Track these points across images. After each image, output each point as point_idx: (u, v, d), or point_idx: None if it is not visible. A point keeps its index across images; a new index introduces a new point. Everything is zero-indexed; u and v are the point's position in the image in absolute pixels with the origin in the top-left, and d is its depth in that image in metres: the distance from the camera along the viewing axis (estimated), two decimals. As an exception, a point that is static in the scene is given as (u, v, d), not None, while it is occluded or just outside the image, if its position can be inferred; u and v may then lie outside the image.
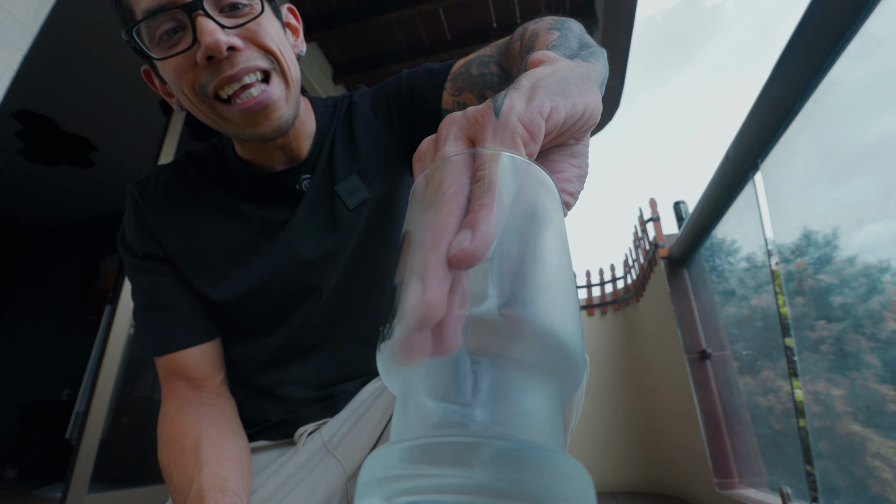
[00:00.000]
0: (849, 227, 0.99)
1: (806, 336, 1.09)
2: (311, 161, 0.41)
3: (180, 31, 0.32)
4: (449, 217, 0.12)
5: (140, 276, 0.41)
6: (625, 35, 1.66)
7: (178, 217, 0.40)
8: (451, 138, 0.15)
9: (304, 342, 0.42)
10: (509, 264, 0.11)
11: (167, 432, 0.36)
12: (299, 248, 0.39)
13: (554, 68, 0.18)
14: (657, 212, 1.78)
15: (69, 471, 1.06)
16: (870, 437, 0.95)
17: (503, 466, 0.08)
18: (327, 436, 0.39)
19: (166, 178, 0.42)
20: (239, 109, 0.33)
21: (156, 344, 0.39)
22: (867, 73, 0.85)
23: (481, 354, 0.10)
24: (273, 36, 0.34)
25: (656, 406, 1.82)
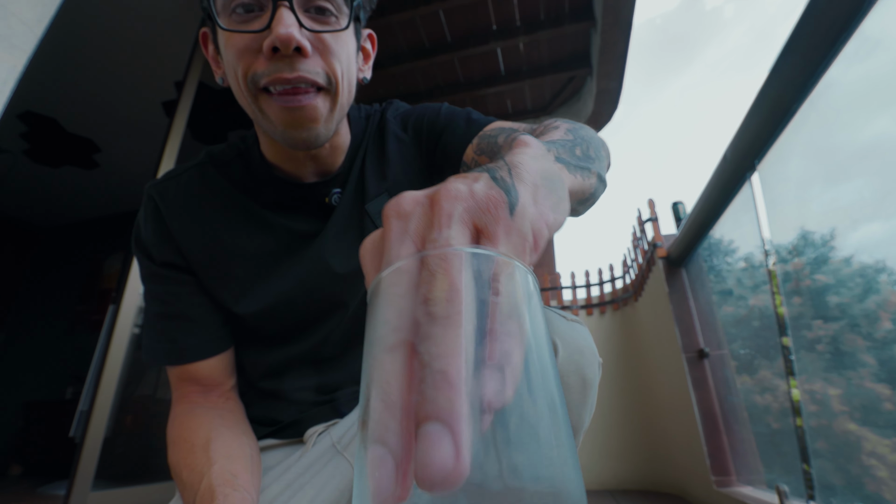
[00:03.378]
0: (845, 228, 0.99)
1: (803, 335, 1.09)
2: (343, 175, 0.40)
3: (256, 12, 0.31)
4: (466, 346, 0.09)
5: (157, 282, 0.39)
6: (623, 37, 1.67)
7: (199, 223, 0.38)
8: (457, 221, 0.12)
9: (322, 355, 0.41)
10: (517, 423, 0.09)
11: (177, 433, 0.36)
12: (332, 262, 0.38)
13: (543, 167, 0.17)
14: (655, 212, 1.79)
15: (73, 468, 1.07)
16: (865, 436, 0.95)
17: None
18: (336, 436, 0.39)
19: (188, 181, 0.40)
20: (281, 104, 0.32)
21: (170, 353, 0.38)
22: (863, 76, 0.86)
23: None
24: (342, 56, 0.33)
25: (654, 405, 1.82)
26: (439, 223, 0.12)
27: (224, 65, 0.34)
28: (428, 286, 0.10)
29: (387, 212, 0.13)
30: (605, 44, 1.69)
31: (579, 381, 0.32)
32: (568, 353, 0.32)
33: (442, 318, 0.10)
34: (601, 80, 1.87)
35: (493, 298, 0.10)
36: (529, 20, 1.81)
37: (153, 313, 0.39)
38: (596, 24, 1.72)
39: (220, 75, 0.36)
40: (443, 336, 0.09)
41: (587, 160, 0.26)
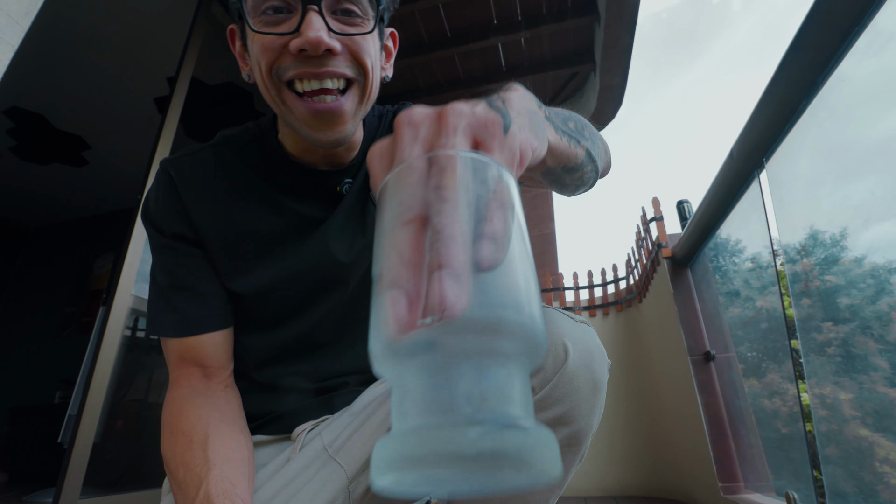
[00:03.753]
0: (856, 227, 0.97)
1: (812, 338, 1.07)
2: (355, 167, 0.42)
3: (285, 13, 0.32)
4: (467, 224, 0.12)
5: (167, 254, 0.39)
6: (627, 32, 1.64)
7: (213, 200, 0.40)
8: (461, 132, 0.15)
9: (317, 339, 0.42)
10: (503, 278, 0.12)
11: (174, 422, 0.35)
12: (333, 246, 0.40)
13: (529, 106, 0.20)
14: (660, 211, 1.76)
15: (61, 475, 1.03)
16: (879, 442, 0.93)
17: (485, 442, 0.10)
18: (328, 440, 0.39)
19: (203, 159, 0.41)
20: (309, 108, 0.33)
21: (179, 324, 0.38)
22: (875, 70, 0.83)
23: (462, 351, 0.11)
24: (371, 53, 0.35)
25: (659, 408, 1.80)
26: (446, 132, 0.15)
27: (250, 61, 0.36)
28: (439, 177, 0.13)
29: (400, 120, 0.15)
30: (609, 39, 1.66)
31: (591, 384, 0.32)
32: (579, 355, 0.32)
33: (451, 199, 0.12)
34: (605, 76, 1.85)
35: (487, 193, 0.13)
36: (531, 14, 1.78)
37: (162, 285, 0.39)
38: (599, 19, 1.69)
39: (247, 72, 0.38)
40: (452, 211, 0.12)
41: (578, 134, 0.29)
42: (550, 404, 0.32)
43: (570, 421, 0.32)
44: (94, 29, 1.66)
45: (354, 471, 0.37)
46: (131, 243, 1.18)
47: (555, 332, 0.33)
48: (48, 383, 2.19)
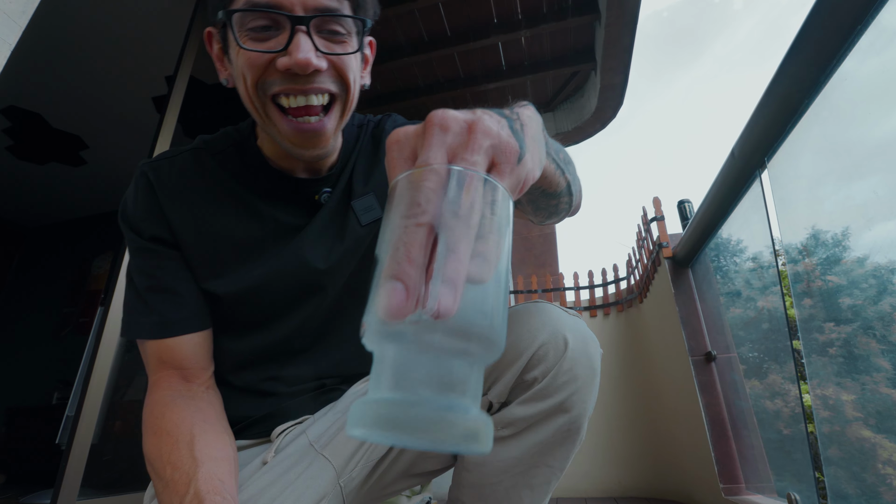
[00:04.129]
0: (858, 227, 0.96)
1: (814, 338, 1.06)
2: (334, 176, 0.42)
3: (272, 31, 0.33)
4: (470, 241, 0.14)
5: (144, 256, 0.39)
6: (628, 31, 1.63)
7: (192, 204, 0.40)
8: (484, 153, 0.17)
9: (294, 345, 0.43)
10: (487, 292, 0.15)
11: (157, 423, 0.35)
12: (309, 255, 0.40)
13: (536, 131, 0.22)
14: (661, 211, 1.75)
15: (59, 477, 1.02)
16: (881, 444, 0.93)
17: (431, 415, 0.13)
18: (313, 436, 0.39)
19: (182, 163, 0.41)
20: (293, 127, 0.34)
21: (157, 326, 0.38)
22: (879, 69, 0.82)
23: (437, 346, 0.14)
24: (354, 68, 0.36)
25: (660, 409, 1.80)
26: (472, 149, 0.16)
27: (233, 69, 0.36)
28: (457, 194, 0.15)
29: (432, 120, 0.17)
30: (610, 37, 1.65)
31: (589, 371, 0.34)
32: (577, 345, 0.34)
33: (464, 217, 0.14)
34: (605, 75, 1.84)
35: (490, 215, 0.15)
36: (531, 13, 1.77)
37: (140, 287, 0.39)
38: (600, 17, 1.68)
39: (226, 77, 0.38)
40: (462, 231, 0.14)
41: (565, 166, 0.30)
42: (552, 392, 0.34)
43: (570, 407, 0.34)
44: (91, 27, 1.65)
45: (342, 464, 0.38)
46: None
47: (556, 326, 0.34)
48: (46, 384, 2.18)
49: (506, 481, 0.35)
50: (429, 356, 0.14)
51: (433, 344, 0.13)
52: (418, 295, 0.13)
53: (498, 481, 0.35)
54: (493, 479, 0.35)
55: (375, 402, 0.13)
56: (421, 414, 0.13)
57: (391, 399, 0.13)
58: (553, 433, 0.34)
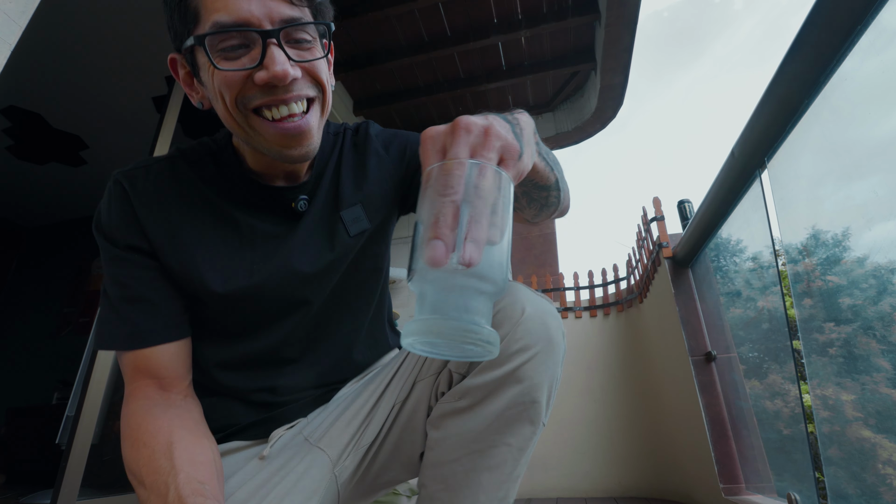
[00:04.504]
0: (859, 227, 0.96)
1: (814, 339, 1.06)
2: (311, 183, 0.43)
3: (243, 49, 0.34)
4: (488, 214, 0.21)
5: (119, 266, 0.39)
6: (628, 31, 1.63)
7: (167, 213, 0.40)
8: (496, 151, 0.23)
9: (283, 354, 0.43)
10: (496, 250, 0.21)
11: (134, 434, 0.35)
12: (296, 262, 0.41)
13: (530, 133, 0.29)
14: (661, 211, 1.75)
15: (59, 477, 1.02)
16: (881, 444, 0.93)
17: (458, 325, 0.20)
18: (308, 432, 0.40)
19: (158, 172, 0.41)
20: (279, 130, 0.35)
21: (131, 336, 0.38)
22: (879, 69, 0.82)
23: (463, 284, 0.20)
24: (324, 71, 0.38)
25: (660, 409, 1.79)
26: (488, 147, 0.23)
27: (206, 91, 0.37)
28: (479, 179, 0.21)
29: (459, 123, 0.23)
30: (610, 38, 1.65)
31: (545, 341, 0.35)
32: (536, 313, 0.36)
33: (482, 198, 0.21)
34: (605, 76, 1.84)
35: (499, 196, 0.22)
36: (531, 13, 1.77)
37: (114, 297, 0.39)
38: (600, 18, 1.68)
39: (199, 99, 0.38)
40: (483, 206, 0.21)
41: (553, 164, 0.36)
42: (505, 360, 0.34)
43: (523, 377, 0.34)
44: (92, 27, 1.65)
45: (337, 454, 0.38)
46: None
47: (516, 297, 0.36)
48: (46, 384, 2.18)
49: (465, 461, 0.34)
50: (457, 292, 0.20)
51: (461, 284, 0.20)
52: (452, 249, 0.19)
53: (457, 459, 0.35)
54: (453, 454, 0.35)
55: (422, 319, 0.20)
56: (453, 325, 0.20)
57: (433, 317, 0.20)
58: (507, 405, 0.34)
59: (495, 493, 0.35)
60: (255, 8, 0.32)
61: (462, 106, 2.23)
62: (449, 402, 0.36)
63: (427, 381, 0.39)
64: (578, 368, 2.02)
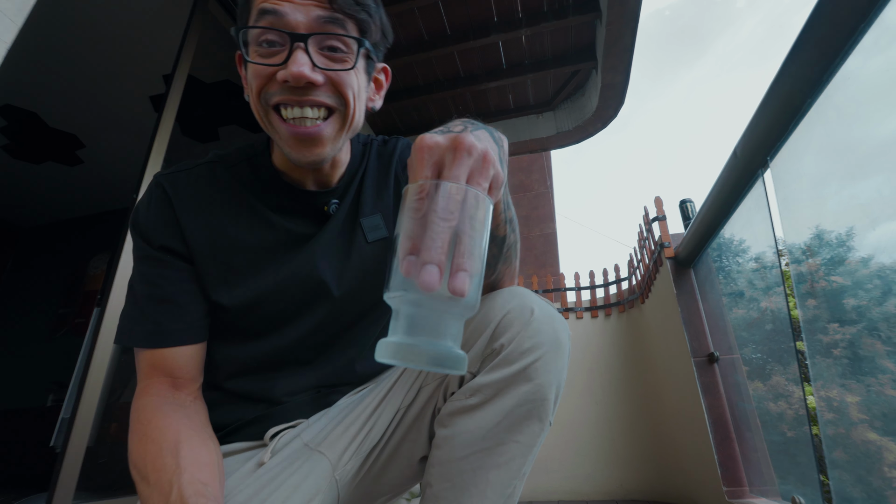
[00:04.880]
0: (863, 227, 0.95)
1: (818, 339, 1.05)
2: (341, 189, 0.45)
3: (278, 47, 0.36)
4: (480, 244, 0.23)
5: (150, 265, 0.41)
6: (630, 29, 1.62)
7: (208, 215, 0.42)
8: (487, 178, 0.24)
9: (296, 355, 0.44)
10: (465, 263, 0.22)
11: (143, 429, 0.36)
12: (319, 263, 0.43)
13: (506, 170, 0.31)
14: (663, 211, 1.75)
15: (53, 480, 1.01)
16: (887, 447, 0.92)
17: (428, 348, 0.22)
18: (308, 438, 0.41)
19: (198, 176, 0.43)
20: (290, 131, 0.37)
21: (153, 335, 0.39)
22: (883, 67, 0.81)
23: (441, 309, 0.22)
24: (353, 85, 0.38)
25: (663, 411, 1.78)
26: (484, 175, 0.24)
27: (246, 84, 0.40)
28: (474, 210, 0.22)
29: (463, 143, 0.24)
30: (611, 36, 1.64)
31: (554, 342, 0.36)
32: (543, 315, 0.37)
33: (478, 229, 0.22)
34: (606, 74, 1.83)
35: (486, 225, 0.23)
36: (532, 11, 1.77)
37: (141, 295, 0.40)
38: (601, 16, 1.67)
39: (248, 93, 0.41)
40: (476, 237, 0.22)
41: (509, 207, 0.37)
42: (516, 358, 0.35)
43: (533, 375, 0.35)
44: (89, 26, 1.63)
45: (336, 458, 0.39)
46: (126, 243, 1.15)
47: (524, 300, 0.37)
48: (41, 386, 2.15)
49: (473, 459, 0.35)
50: (437, 315, 0.21)
51: (445, 309, 0.21)
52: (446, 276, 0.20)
53: (464, 457, 0.35)
54: (461, 452, 0.35)
55: (398, 343, 0.21)
56: (429, 351, 0.21)
57: (408, 342, 0.21)
58: (517, 402, 0.35)
59: (503, 491, 0.35)
60: (294, 10, 0.35)
61: (462, 105, 2.22)
62: (459, 400, 0.36)
63: (433, 385, 0.39)
64: (580, 369, 2.01)
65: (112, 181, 2.49)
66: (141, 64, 1.79)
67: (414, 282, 0.20)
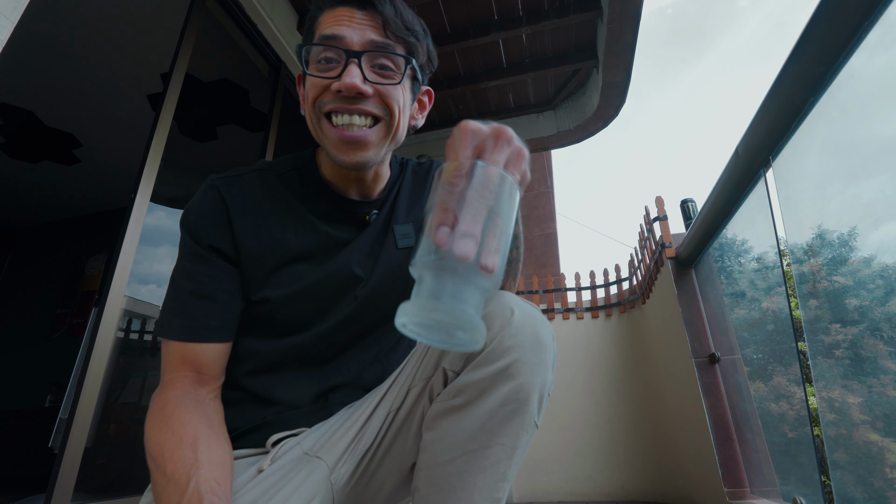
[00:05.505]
0: (865, 227, 0.95)
1: (820, 340, 1.05)
2: (380, 200, 0.49)
3: (335, 62, 0.41)
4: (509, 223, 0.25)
5: (197, 262, 0.43)
6: (631, 27, 1.61)
7: (258, 218, 0.45)
8: (517, 171, 0.27)
9: (321, 353, 0.46)
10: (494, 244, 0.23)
11: (165, 420, 0.37)
12: (354, 261, 0.46)
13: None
14: (664, 210, 1.74)
15: (51, 481, 1.00)
16: (889, 447, 0.91)
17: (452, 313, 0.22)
18: (307, 446, 0.41)
19: (251, 181, 0.47)
20: (339, 135, 0.41)
21: (189, 329, 0.41)
22: (886, 66, 0.80)
23: (468, 278, 0.22)
24: (399, 100, 0.42)
25: (664, 412, 1.78)
26: (518, 166, 0.27)
27: (303, 98, 0.44)
28: (509, 195, 0.25)
29: (504, 132, 0.27)
30: (612, 34, 1.63)
31: (535, 340, 0.36)
32: (523, 315, 0.37)
33: (510, 211, 0.24)
34: (607, 73, 1.82)
35: (516, 207, 0.26)
36: (532, 10, 1.76)
37: (183, 290, 0.43)
38: (602, 14, 1.66)
39: (303, 107, 0.45)
40: (508, 219, 0.24)
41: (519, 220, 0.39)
42: (498, 356, 0.36)
43: (515, 373, 0.35)
44: (85, 24, 1.62)
45: (334, 461, 0.40)
46: (124, 243, 1.14)
47: (504, 301, 0.38)
48: (38, 386, 2.15)
49: (459, 462, 0.35)
50: (463, 284, 0.22)
51: (473, 279, 0.22)
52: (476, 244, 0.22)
53: (450, 460, 0.35)
54: (447, 455, 0.35)
55: (423, 302, 0.21)
56: (453, 310, 0.21)
57: (434, 302, 0.21)
58: (501, 402, 0.35)
59: (490, 494, 0.35)
60: (352, 32, 0.41)
61: (462, 104, 2.21)
62: (444, 401, 0.37)
63: (419, 387, 0.40)
64: (580, 370, 2.00)
65: (110, 181, 2.48)
66: (139, 63, 1.78)
67: (448, 251, 0.21)
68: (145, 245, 1.20)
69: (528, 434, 0.36)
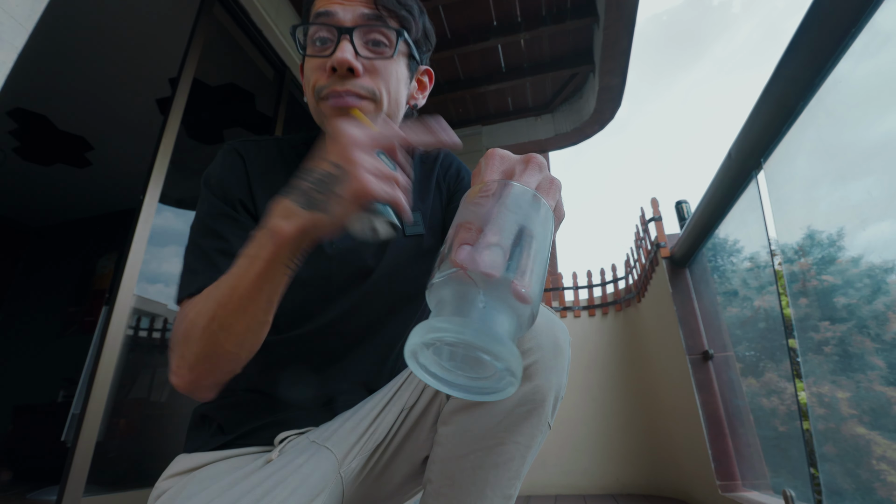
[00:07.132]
0: (853, 227, 0.97)
1: (810, 337, 1.07)
2: None
3: (329, 43, 0.40)
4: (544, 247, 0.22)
5: (224, 222, 0.42)
6: (626, 33, 1.64)
7: (274, 183, 0.43)
8: (551, 197, 0.24)
9: (328, 346, 0.44)
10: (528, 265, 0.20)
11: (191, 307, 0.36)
12: (363, 250, 0.45)
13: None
14: (659, 211, 1.77)
15: (64, 474, 1.04)
16: (875, 440, 0.94)
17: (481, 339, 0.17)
18: (315, 435, 0.41)
19: (267, 147, 0.47)
20: (332, 103, 0.40)
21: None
22: (872, 71, 0.83)
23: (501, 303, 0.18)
24: (390, 78, 0.41)
25: (658, 407, 1.81)
26: (552, 193, 0.24)
27: (304, 83, 0.43)
28: (544, 216, 0.22)
29: (536, 160, 0.24)
30: (608, 40, 1.66)
31: (553, 344, 0.36)
32: (544, 321, 0.37)
33: (547, 236, 0.22)
34: (604, 77, 1.85)
35: (551, 231, 0.23)
36: (531, 15, 1.79)
37: (208, 248, 0.41)
38: (598, 20, 1.70)
39: (307, 95, 0.44)
40: (544, 233, 0.21)
41: None
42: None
43: (534, 374, 0.35)
44: (96, 31, 1.67)
45: (343, 454, 0.39)
46: (134, 243, 1.18)
47: None
48: (51, 382, 2.19)
49: (473, 458, 0.35)
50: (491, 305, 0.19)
51: (497, 301, 0.19)
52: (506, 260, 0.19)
53: (465, 455, 0.35)
54: (461, 450, 0.35)
55: (430, 322, 0.18)
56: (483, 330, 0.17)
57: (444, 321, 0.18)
58: (518, 402, 0.35)
59: (502, 491, 0.35)
60: (343, 10, 0.40)
61: (462, 108, 2.25)
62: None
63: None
64: (577, 367, 2.03)
65: (119, 182, 2.53)
66: (147, 68, 1.82)
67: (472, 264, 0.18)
68: (154, 245, 1.22)
69: (542, 434, 0.36)
